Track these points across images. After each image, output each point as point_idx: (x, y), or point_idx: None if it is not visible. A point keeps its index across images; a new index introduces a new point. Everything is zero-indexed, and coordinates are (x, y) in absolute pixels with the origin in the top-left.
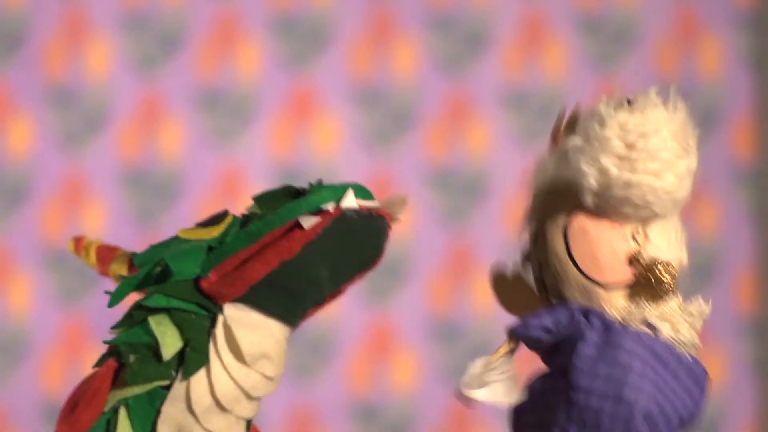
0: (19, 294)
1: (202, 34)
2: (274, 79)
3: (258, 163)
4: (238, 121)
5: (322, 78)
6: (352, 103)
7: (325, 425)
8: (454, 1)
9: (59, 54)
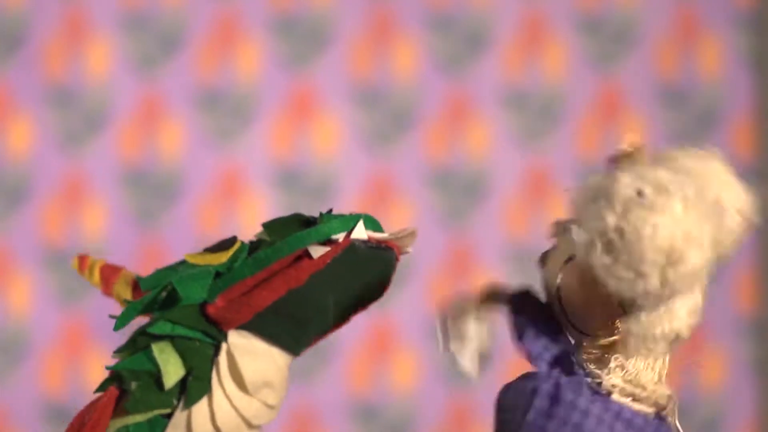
0: (19, 294)
1: (202, 34)
2: (274, 79)
3: (258, 163)
4: (238, 121)
5: (322, 78)
6: (352, 103)
7: (325, 425)
8: (454, 1)
9: (59, 54)
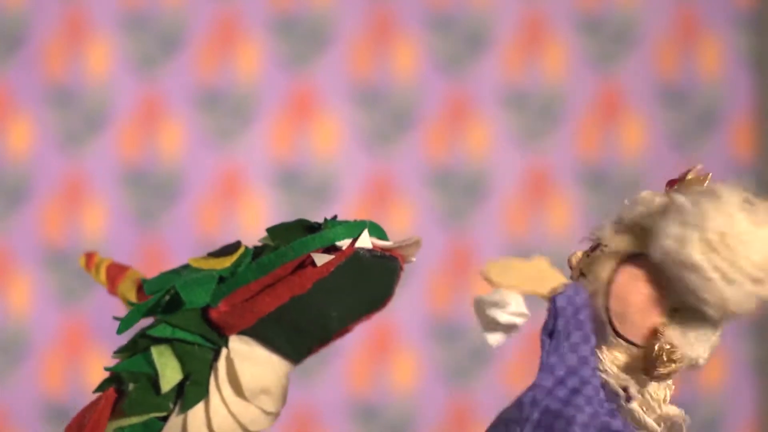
0: (19, 294)
1: (202, 34)
2: (274, 79)
3: (258, 163)
4: (238, 121)
5: (322, 78)
6: (352, 103)
7: (325, 425)
8: (454, 1)
9: (59, 54)
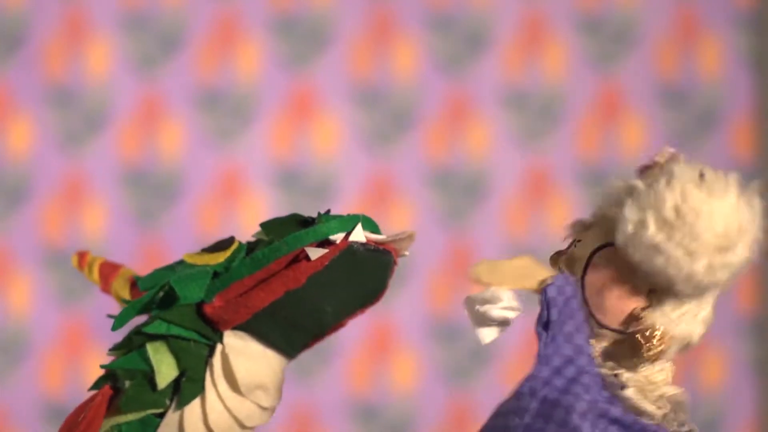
0: (19, 294)
1: (202, 34)
2: (274, 79)
3: (258, 163)
4: (238, 121)
5: (322, 78)
6: (352, 103)
7: (325, 425)
8: (454, 1)
9: (59, 54)
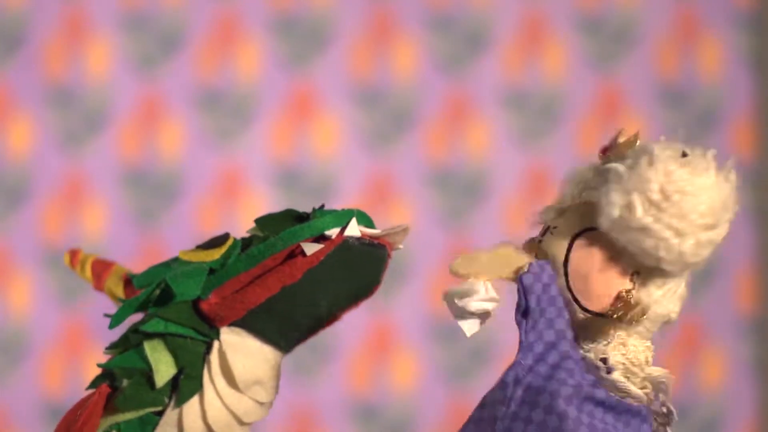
0: (19, 294)
1: (202, 34)
2: (274, 79)
3: (258, 163)
4: (238, 121)
5: (322, 78)
6: (352, 103)
7: (325, 425)
8: (454, 1)
9: (59, 54)
